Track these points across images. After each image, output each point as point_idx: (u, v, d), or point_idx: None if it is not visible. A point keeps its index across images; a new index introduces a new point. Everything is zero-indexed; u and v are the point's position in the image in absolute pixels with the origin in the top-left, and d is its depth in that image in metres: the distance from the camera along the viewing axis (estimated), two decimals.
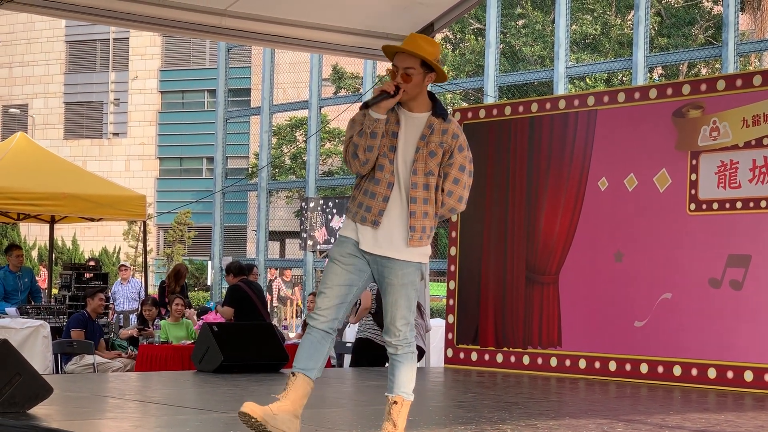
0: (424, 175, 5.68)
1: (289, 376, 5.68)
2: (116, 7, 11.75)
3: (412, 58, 5.67)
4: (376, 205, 5.68)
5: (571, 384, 10.35)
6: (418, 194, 5.68)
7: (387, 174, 5.69)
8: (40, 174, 15.13)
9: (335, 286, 5.69)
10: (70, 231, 38.73)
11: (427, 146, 5.68)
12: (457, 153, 5.71)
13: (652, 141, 10.65)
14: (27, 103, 54.08)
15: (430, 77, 5.70)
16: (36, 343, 12.22)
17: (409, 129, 5.72)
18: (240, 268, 13.25)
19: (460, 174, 5.72)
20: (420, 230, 5.68)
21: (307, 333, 5.74)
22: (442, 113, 5.76)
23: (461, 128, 5.79)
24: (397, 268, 5.66)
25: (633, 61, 19.75)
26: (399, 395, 5.74)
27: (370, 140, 5.65)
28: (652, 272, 10.56)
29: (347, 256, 5.70)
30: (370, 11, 13.05)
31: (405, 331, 5.70)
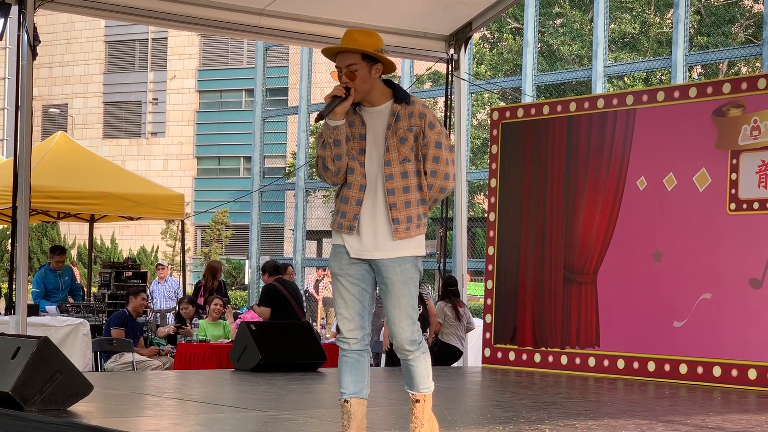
0: (400, 163, 5.55)
1: (342, 404, 5.61)
2: (155, 6, 11.82)
3: (352, 55, 5.53)
4: (350, 210, 5.57)
5: (609, 384, 10.31)
6: (395, 184, 5.54)
7: (358, 177, 5.58)
8: (79, 173, 15.23)
9: (348, 304, 5.59)
10: (109, 230, 38.97)
11: (395, 134, 5.56)
12: (428, 131, 5.56)
13: (691, 140, 10.59)
14: (67, 103, 54.47)
15: (377, 68, 5.55)
16: (76, 340, 12.30)
17: (374, 125, 5.60)
18: (275, 267, 13.24)
19: (437, 151, 5.57)
20: (405, 221, 5.53)
21: (342, 356, 5.64)
22: (404, 98, 5.62)
23: (427, 106, 5.65)
24: (394, 265, 5.53)
25: (672, 60, 19.64)
26: (421, 392, 5.66)
27: (335, 149, 5.54)
28: (691, 272, 10.50)
29: (346, 266, 5.59)
30: (409, 11, 13.06)
31: (413, 332, 5.56)
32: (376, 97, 5.63)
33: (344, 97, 5.52)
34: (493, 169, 12.21)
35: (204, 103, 53.31)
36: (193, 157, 52.99)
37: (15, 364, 6.93)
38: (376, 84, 5.61)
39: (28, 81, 10.91)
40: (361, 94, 5.58)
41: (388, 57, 5.62)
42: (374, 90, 5.61)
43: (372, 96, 5.62)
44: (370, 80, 5.57)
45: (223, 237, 44.52)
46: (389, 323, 5.60)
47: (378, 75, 5.59)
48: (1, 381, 6.92)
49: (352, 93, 5.53)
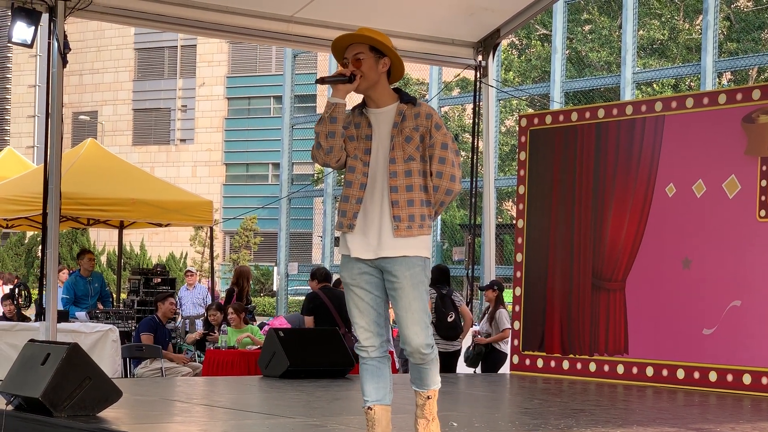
0: (404, 161, 5.53)
1: (366, 411, 5.61)
2: (185, 14, 11.89)
3: (360, 45, 5.57)
4: (349, 209, 5.57)
5: (638, 391, 10.27)
6: (398, 182, 5.52)
7: (358, 175, 5.57)
8: (109, 180, 15.29)
9: (363, 312, 5.58)
10: (138, 236, 39.15)
11: (401, 133, 5.55)
12: (435, 132, 5.56)
13: (721, 147, 10.53)
14: (96, 110, 54.77)
15: (384, 63, 5.56)
16: (105, 347, 12.34)
17: (380, 125, 5.60)
18: (326, 275, 12.86)
19: (444, 152, 5.56)
20: (407, 219, 5.49)
21: (363, 364, 5.64)
22: (411, 99, 5.63)
23: (434, 109, 5.70)
24: (403, 267, 5.48)
25: (701, 67, 19.58)
26: (432, 389, 5.65)
27: (330, 125, 5.53)
28: (721, 279, 10.44)
29: (357, 276, 5.56)
30: (437, 17, 13.08)
31: (426, 335, 5.52)
32: (382, 99, 5.63)
33: (348, 79, 5.53)
34: (521, 176, 12.20)
35: (233, 110, 53.50)
36: (222, 163, 53.16)
37: (45, 370, 6.97)
38: (383, 83, 5.62)
39: (58, 88, 10.98)
40: (367, 83, 5.58)
41: (397, 54, 5.62)
42: (381, 89, 5.62)
43: (378, 96, 5.63)
44: (377, 72, 5.58)
45: (251, 243, 44.64)
46: (401, 328, 5.55)
47: (385, 70, 5.60)
48: (31, 387, 6.97)
49: (357, 79, 5.54)
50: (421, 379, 5.64)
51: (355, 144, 5.62)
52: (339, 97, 5.56)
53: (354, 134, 5.63)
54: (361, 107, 5.68)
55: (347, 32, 5.71)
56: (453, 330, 12.32)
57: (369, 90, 5.62)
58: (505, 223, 25.63)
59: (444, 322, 12.22)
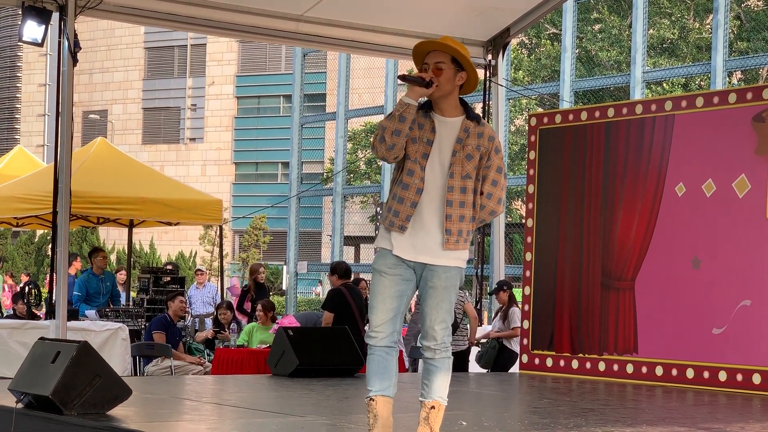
0: (462, 178, 5.67)
1: (368, 403, 5.65)
2: (194, 13, 11.91)
3: (443, 54, 5.68)
4: (404, 211, 5.66)
5: (647, 391, 10.26)
6: (454, 197, 5.66)
7: (416, 180, 5.67)
8: (119, 179, 15.31)
9: (386, 299, 5.67)
10: (147, 235, 39.19)
11: (463, 149, 5.68)
12: (494, 155, 5.73)
13: (731, 146, 10.52)
14: (106, 109, 54.85)
15: (461, 76, 5.69)
16: (115, 345, 12.37)
17: (444, 134, 5.71)
18: (347, 270, 12.65)
19: (497, 176, 5.75)
20: (456, 233, 5.66)
21: (370, 353, 5.70)
22: (476, 117, 5.77)
23: (495, 132, 5.81)
24: (440, 271, 5.67)
25: (711, 66, 19.54)
26: (436, 400, 5.68)
27: (398, 124, 5.63)
28: (730, 279, 10.43)
29: (392, 266, 5.68)
30: (447, 16, 13.07)
31: (444, 335, 5.68)
32: (449, 109, 5.75)
33: (426, 84, 5.64)
34: (530, 175, 12.19)
35: (242, 109, 53.55)
36: (231, 162, 53.21)
37: (55, 368, 6.99)
38: (455, 94, 5.76)
39: (68, 87, 11.00)
40: (441, 92, 5.70)
41: (476, 71, 5.77)
42: (451, 100, 5.75)
43: (446, 106, 5.75)
44: (453, 84, 5.71)
45: (260, 242, 44.66)
46: (424, 323, 5.69)
47: (461, 83, 5.73)
48: (41, 385, 6.98)
49: (433, 87, 5.65)
50: (430, 382, 5.68)
51: (415, 147, 5.73)
52: (412, 99, 5.68)
53: (417, 135, 5.74)
54: (428, 109, 5.78)
55: (429, 39, 5.84)
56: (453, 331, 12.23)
57: (441, 99, 5.75)
58: (515, 222, 25.61)
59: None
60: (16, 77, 59.60)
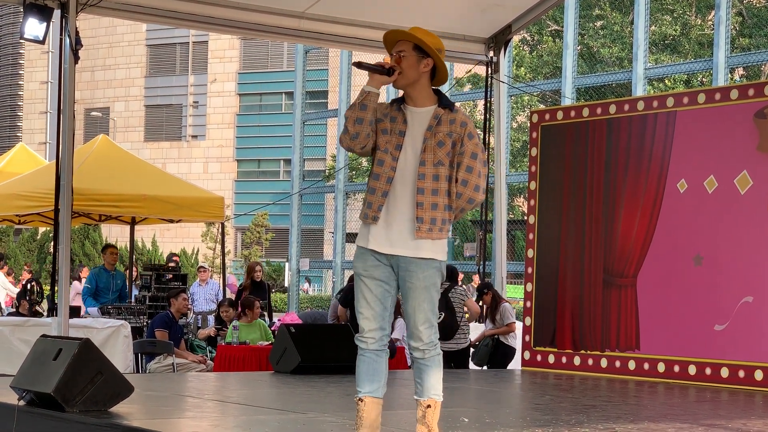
0: (434, 165, 5.60)
1: (357, 403, 5.65)
2: (196, 10, 11.90)
3: (405, 42, 5.66)
4: (375, 201, 5.63)
5: (649, 387, 10.26)
6: (426, 185, 5.59)
7: (387, 169, 5.63)
8: (121, 176, 15.32)
9: (370, 304, 5.63)
10: (149, 232, 39.21)
11: (434, 137, 5.62)
12: (467, 140, 5.64)
13: (732, 142, 10.51)
14: (108, 106, 54.87)
15: (426, 63, 5.64)
16: (117, 342, 12.38)
17: (415, 124, 5.67)
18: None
19: (472, 162, 5.64)
20: (428, 221, 5.57)
21: (360, 355, 5.69)
22: (449, 104, 5.70)
23: (469, 117, 5.72)
24: (418, 270, 5.57)
25: (713, 62, 19.53)
26: (432, 398, 5.63)
27: (359, 112, 5.61)
28: (732, 275, 10.42)
29: (370, 268, 5.63)
30: (448, 13, 13.07)
31: (430, 334, 5.61)
32: (421, 99, 5.70)
33: (387, 71, 5.62)
34: (532, 172, 12.19)
35: (244, 106, 53.55)
36: (233, 159, 53.22)
37: (57, 366, 6.99)
38: (423, 83, 5.69)
39: (70, 84, 11.01)
40: (407, 80, 5.66)
41: (441, 58, 5.68)
42: (420, 89, 5.69)
43: (417, 95, 5.70)
44: (417, 71, 5.65)
45: (263, 239, 44.67)
46: (409, 324, 5.64)
47: (426, 70, 5.66)
48: (43, 382, 6.99)
49: (395, 75, 5.63)
50: (422, 381, 5.65)
51: (387, 138, 5.69)
52: (373, 86, 5.65)
53: (388, 128, 5.71)
54: (400, 102, 5.76)
55: (398, 28, 5.78)
56: (443, 330, 12.11)
57: (408, 88, 5.70)
58: (517, 219, 25.61)
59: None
60: (17, 75, 59.63)
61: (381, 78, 5.63)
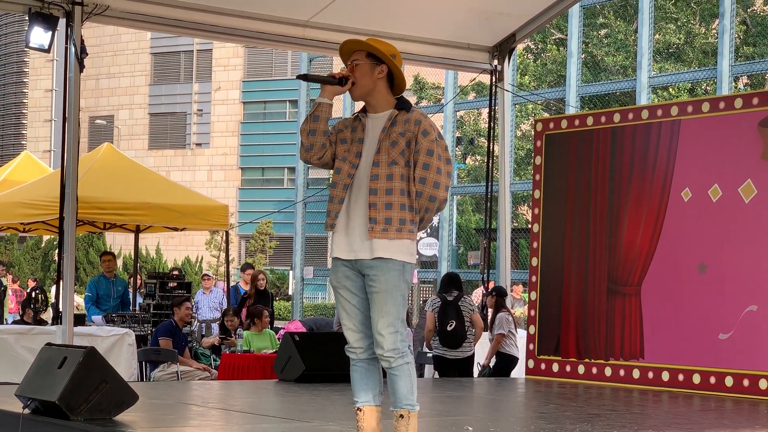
0: (387, 165, 5.56)
1: (356, 412, 5.67)
2: (201, 18, 11.92)
3: (358, 52, 5.68)
4: (333, 209, 5.64)
5: (654, 396, 10.26)
6: (379, 185, 5.55)
7: (343, 176, 5.65)
8: (125, 184, 15.32)
9: (351, 315, 5.63)
10: (153, 240, 39.23)
11: (388, 137, 5.60)
12: (421, 138, 5.55)
13: (737, 151, 10.51)
14: (113, 114, 54.93)
15: (381, 70, 5.64)
16: (121, 350, 12.38)
17: (373, 129, 5.66)
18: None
19: (428, 158, 5.54)
20: (382, 221, 5.51)
21: (352, 365, 5.69)
22: (405, 106, 5.68)
23: (427, 116, 5.66)
24: (378, 273, 5.51)
25: (717, 71, 19.54)
26: (404, 408, 5.57)
27: (312, 123, 5.65)
28: (737, 284, 10.42)
29: (343, 279, 5.63)
30: (453, 22, 13.09)
31: (393, 341, 5.50)
32: (379, 105, 5.70)
33: (339, 81, 5.64)
34: (536, 180, 12.19)
35: (248, 114, 53.59)
36: (238, 167, 53.25)
37: (62, 374, 6.99)
38: (380, 90, 5.69)
39: (75, 93, 11.02)
40: (359, 90, 5.68)
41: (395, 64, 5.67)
42: (378, 96, 5.69)
43: (376, 102, 5.70)
44: (371, 78, 5.66)
45: (267, 247, 44.69)
46: (372, 330, 5.57)
47: (381, 77, 5.66)
48: (48, 390, 6.99)
49: (348, 84, 5.65)
50: (393, 390, 5.61)
51: (346, 146, 5.70)
52: (326, 98, 5.69)
53: (348, 137, 5.72)
54: (362, 112, 5.76)
55: (352, 39, 5.79)
56: (453, 338, 12.17)
57: (365, 96, 5.71)
58: (521, 227, 25.59)
59: (444, 331, 12.17)
60: (22, 83, 59.72)
61: (333, 89, 5.67)
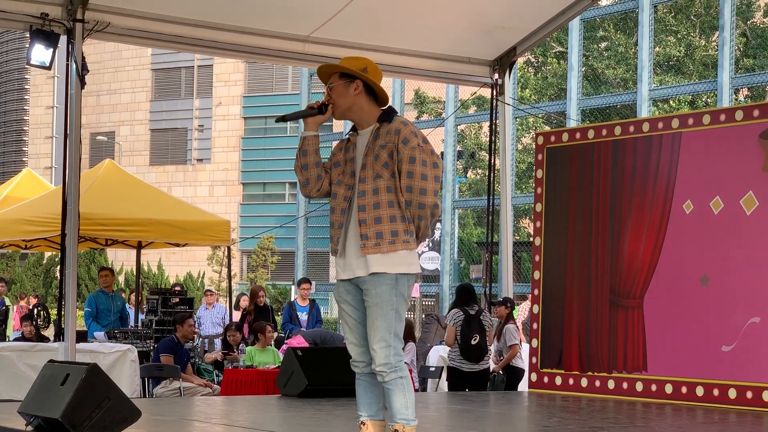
0: (373, 180, 5.54)
1: (360, 427, 5.68)
2: (201, 35, 11.94)
3: (332, 75, 5.68)
4: (335, 234, 5.65)
5: (657, 409, 10.24)
6: (366, 201, 5.54)
7: (339, 200, 5.65)
8: (127, 200, 15.34)
9: (353, 329, 5.65)
10: (155, 256, 39.23)
11: (372, 152, 5.58)
12: (402, 147, 5.52)
13: (738, 163, 10.52)
14: (114, 131, 54.98)
15: (356, 85, 5.61)
16: (124, 367, 12.37)
17: (360, 146, 5.65)
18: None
19: (411, 166, 5.51)
20: (373, 236, 5.50)
21: (357, 380, 5.72)
22: (387, 117, 5.63)
23: (407, 123, 5.61)
24: (370, 288, 5.51)
25: (718, 83, 19.56)
26: (398, 423, 5.56)
27: (302, 159, 5.65)
28: (739, 296, 10.41)
29: (344, 293, 5.65)
30: (453, 37, 13.10)
31: (385, 355, 5.49)
32: (365, 120, 5.68)
33: (317, 111, 5.63)
34: (538, 194, 12.20)
35: (249, 129, 53.64)
36: (239, 183, 53.28)
37: (64, 391, 6.99)
38: (362, 104, 5.66)
39: (76, 109, 11.03)
40: (340, 110, 5.66)
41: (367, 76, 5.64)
42: (361, 112, 5.67)
43: (360, 118, 5.68)
44: (348, 96, 5.63)
45: (269, 262, 44.67)
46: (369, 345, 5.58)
47: (358, 93, 5.63)
48: (50, 407, 6.98)
49: (329, 110, 5.64)
50: (389, 404, 5.62)
51: (341, 168, 5.69)
52: (310, 130, 5.66)
53: (341, 159, 5.71)
54: (354, 131, 5.74)
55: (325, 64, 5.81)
56: (477, 352, 12.24)
57: (348, 115, 5.69)
58: (523, 240, 25.59)
59: (468, 345, 12.18)
60: (23, 100, 59.80)
61: (314, 119, 5.64)
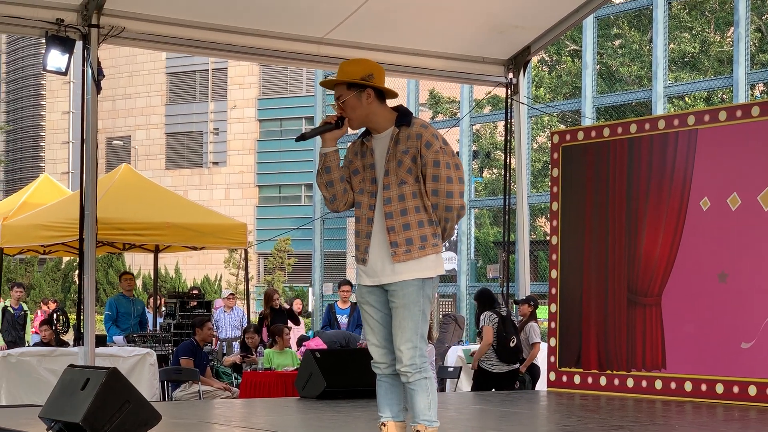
0: (398, 186, 5.52)
1: (380, 428, 5.71)
2: (216, 38, 11.96)
3: (339, 86, 5.60)
4: (362, 243, 5.62)
5: (677, 407, 10.22)
6: (393, 208, 5.52)
7: (365, 210, 5.61)
8: (144, 204, 15.39)
9: (375, 330, 5.66)
10: (172, 260, 39.30)
11: (394, 158, 5.54)
12: (425, 151, 5.51)
13: (755, 159, 10.49)
14: (130, 135, 55.14)
15: (367, 94, 5.57)
16: (143, 370, 12.41)
17: (379, 152, 5.61)
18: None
19: (436, 170, 5.50)
20: (404, 243, 5.51)
21: (377, 381, 5.74)
22: (404, 120, 5.59)
23: (427, 126, 5.59)
24: (397, 289, 5.53)
25: (733, 79, 19.50)
26: (420, 423, 5.59)
27: (326, 176, 5.60)
28: (758, 293, 10.38)
29: (366, 295, 5.66)
30: (467, 36, 13.10)
31: (411, 356, 5.52)
32: (381, 124, 5.63)
33: (334, 125, 5.57)
34: (554, 192, 12.19)
35: (264, 132, 53.70)
36: (255, 185, 53.35)
37: (85, 395, 7.01)
38: (376, 110, 5.61)
39: (93, 115, 11.07)
40: (357, 121, 5.61)
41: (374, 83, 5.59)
42: (376, 117, 5.62)
43: (376, 123, 5.63)
44: (362, 107, 5.58)
45: (285, 265, 44.72)
46: (393, 344, 5.60)
47: (371, 101, 5.58)
48: (71, 412, 7.01)
49: (345, 123, 5.58)
50: (411, 405, 5.64)
51: (360, 176, 5.65)
52: (328, 146, 5.62)
53: (359, 166, 5.67)
54: (366, 134, 5.70)
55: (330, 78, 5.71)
56: (515, 355, 12.32)
57: (364, 124, 5.65)
58: (539, 239, 25.57)
59: (506, 348, 12.19)
60: (39, 105, 60.01)
61: (333, 134, 5.59)
